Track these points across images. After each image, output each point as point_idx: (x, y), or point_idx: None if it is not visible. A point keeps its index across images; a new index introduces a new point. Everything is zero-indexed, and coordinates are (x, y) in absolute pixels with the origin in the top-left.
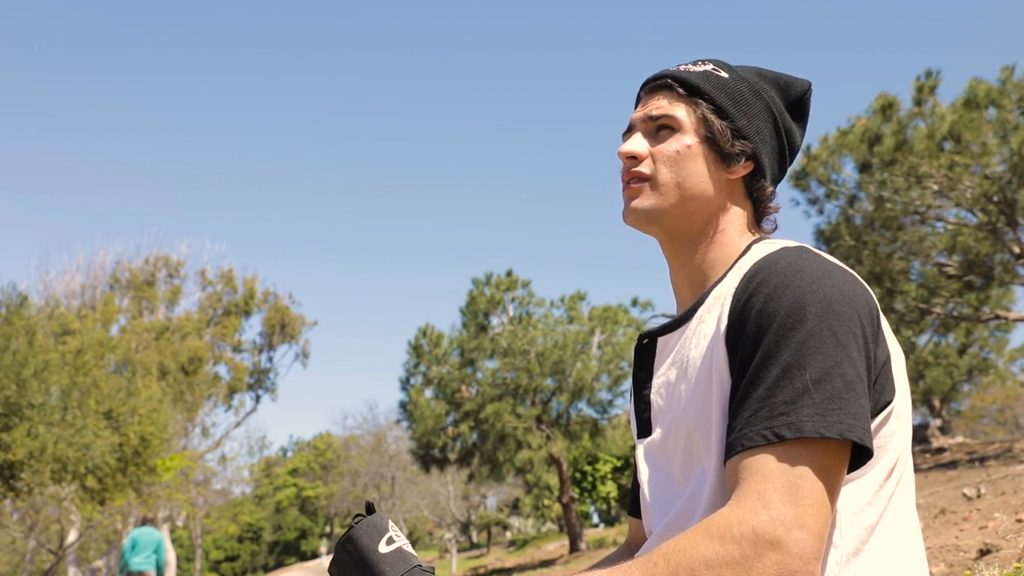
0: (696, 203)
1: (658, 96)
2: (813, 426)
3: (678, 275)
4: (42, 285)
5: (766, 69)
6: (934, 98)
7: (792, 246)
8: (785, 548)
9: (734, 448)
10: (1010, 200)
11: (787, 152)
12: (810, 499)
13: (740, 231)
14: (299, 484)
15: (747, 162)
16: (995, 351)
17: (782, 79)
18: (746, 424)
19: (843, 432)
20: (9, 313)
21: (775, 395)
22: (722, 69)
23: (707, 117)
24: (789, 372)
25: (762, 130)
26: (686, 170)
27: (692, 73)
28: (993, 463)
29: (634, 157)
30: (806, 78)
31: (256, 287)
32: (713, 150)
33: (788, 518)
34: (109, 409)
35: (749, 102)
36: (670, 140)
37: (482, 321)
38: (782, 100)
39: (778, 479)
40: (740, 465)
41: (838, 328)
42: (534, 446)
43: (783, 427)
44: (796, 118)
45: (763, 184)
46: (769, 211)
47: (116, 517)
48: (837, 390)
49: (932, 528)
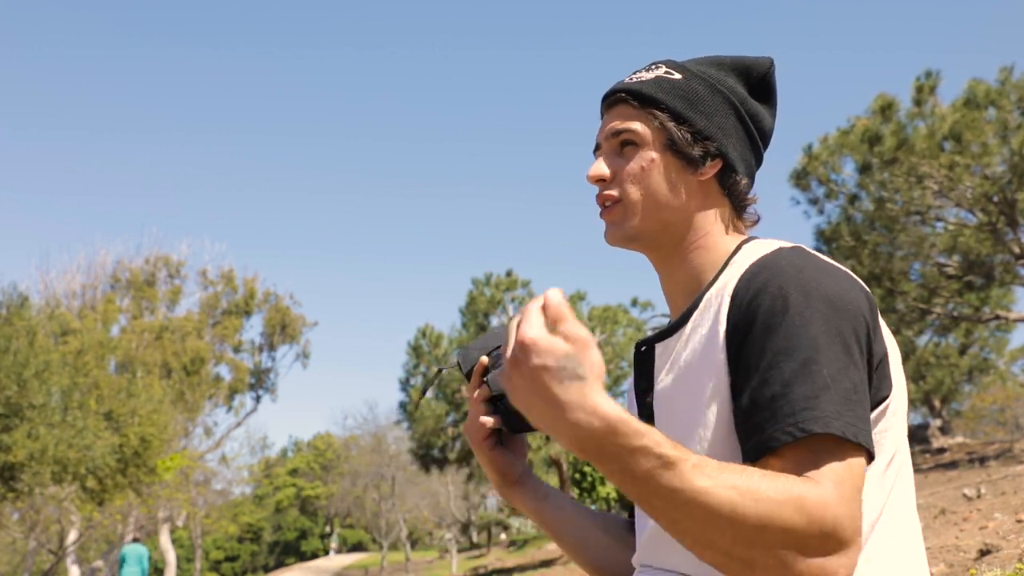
0: (670, 213)
1: (615, 112)
2: (838, 424)
3: (668, 283)
4: (42, 285)
5: (724, 56)
6: (934, 98)
7: (788, 247)
8: (848, 553)
9: (761, 450)
10: (1010, 200)
11: (757, 138)
12: (859, 505)
13: (723, 231)
14: (299, 484)
15: (714, 161)
16: (995, 351)
17: (742, 63)
18: (767, 423)
19: (857, 435)
20: (10, 313)
21: (793, 390)
22: (674, 70)
23: (664, 125)
24: (807, 367)
25: (724, 124)
26: (653, 184)
27: (644, 82)
28: (993, 463)
29: (602, 179)
30: (766, 56)
31: (256, 287)
32: (677, 157)
33: (858, 520)
34: (109, 410)
35: (705, 99)
36: (635, 157)
37: (482, 321)
38: (744, 84)
39: (845, 474)
40: (798, 449)
41: (843, 328)
42: (533, 447)
43: (810, 422)
44: (762, 99)
45: (735, 178)
46: (747, 203)
47: (116, 517)
48: (847, 391)
49: (932, 528)
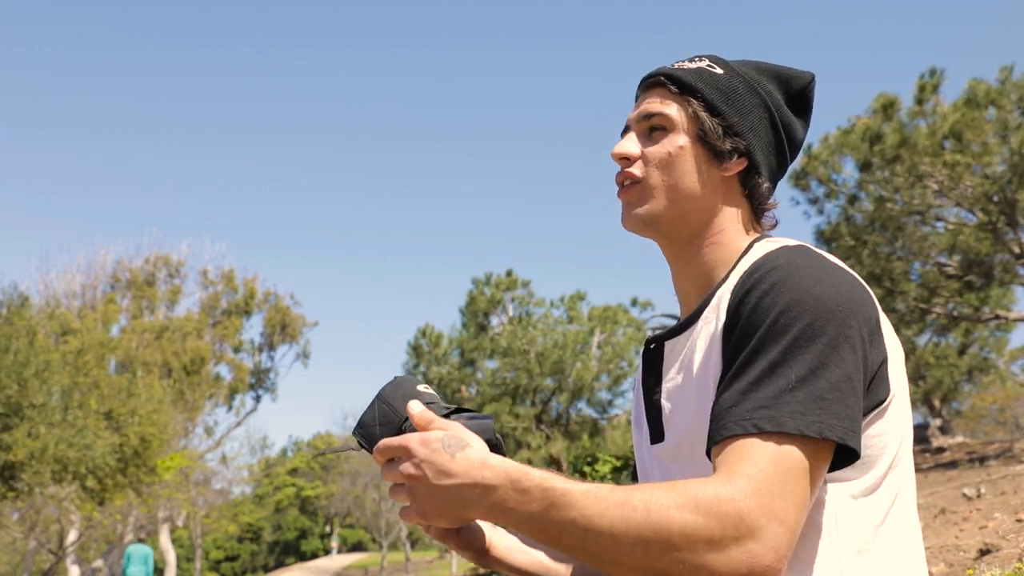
0: (690, 203)
1: (652, 94)
2: (794, 423)
3: (681, 278)
4: (43, 285)
5: (767, 63)
6: (936, 97)
7: (792, 244)
8: (762, 539)
9: (714, 438)
10: (1010, 200)
11: (786, 147)
12: (794, 495)
13: (740, 230)
14: (299, 484)
15: (740, 159)
16: (995, 351)
17: (783, 73)
18: (726, 415)
19: (823, 431)
20: (10, 313)
21: (757, 390)
22: (717, 65)
23: (698, 115)
24: (774, 369)
25: (756, 126)
26: (678, 171)
27: (685, 71)
28: (993, 463)
29: (626, 158)
30: (808, 71)
31: (256, 287)
32: (705, 148)
33: (772, 509)
34: (109, 409)
35: (743, 98)
36: (663, 141)
37: (482, 321)
38: (782, 94)
39: (768, 467)
40: (730, 447)
41: (830, 328)
42: (533, 446)
43: (764, 420)
44: (798, 112)
45: (758, 181)
46: (767, 207)
47: (116, 517)
48: (820, 391)
49: (932, 528)
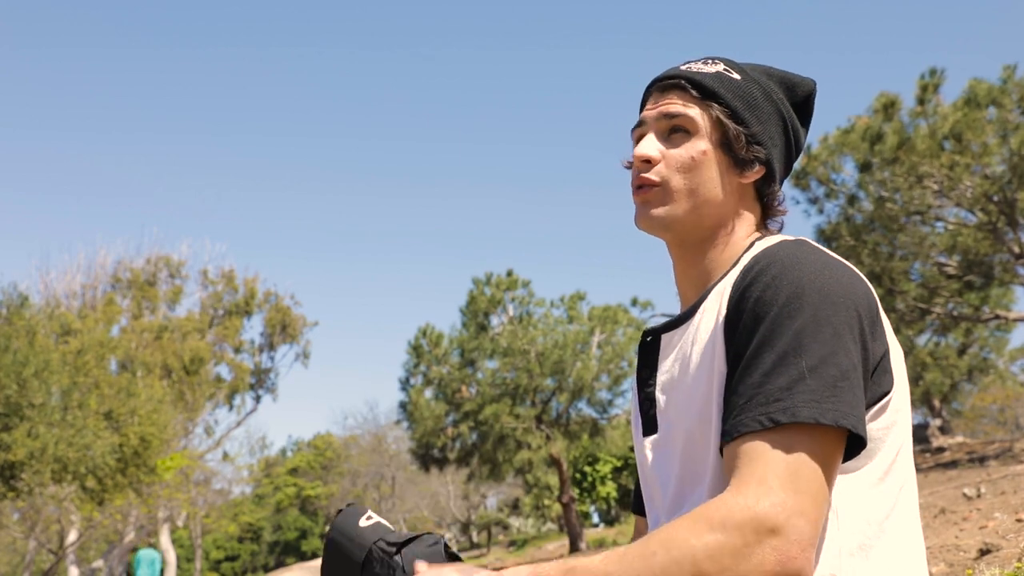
0: (708, 208)
1: (671, 95)
2: (808, 412)
3: (683, 275)
4: (43, 285)
5: (773, 68)
6: (937, 97)
7: (791, 239)
8: (784, 535)
9: (730, 434)
10: (1010, 200)
11: (793, 153)
12: (809, 486)
13: (747, 232)
14: (299, 484)
15: (760, 167)
16: (995, 351)
17: (788, 79)
18: (741, 410)
19: (838, 419)
20: (10, 313)
21: (770, 381)
22: (733, 70)
23: (722, 121)
24: (785, 359)
25: (773, 134)
26: (700, 177)
27: (705, 75)
28: (993, 463)
29: (648, 161)
30: (810, 77)
31: (257, 287)
32: (727, 155)
33: (789, 505)
34: (109, 409)
35: (762, 106)
36: (684, 145)
37: (482, 321)
38: (788, 100)
39: (778, 465)
40: (738, 451)
41: (834, 319)
42: (534, 446)
43: (778, 412)
44: (801, 118)
45: (773, 188)
46: (777, 214)
47: (116, 517)
48: (832, 378)
49: (932, 528)
